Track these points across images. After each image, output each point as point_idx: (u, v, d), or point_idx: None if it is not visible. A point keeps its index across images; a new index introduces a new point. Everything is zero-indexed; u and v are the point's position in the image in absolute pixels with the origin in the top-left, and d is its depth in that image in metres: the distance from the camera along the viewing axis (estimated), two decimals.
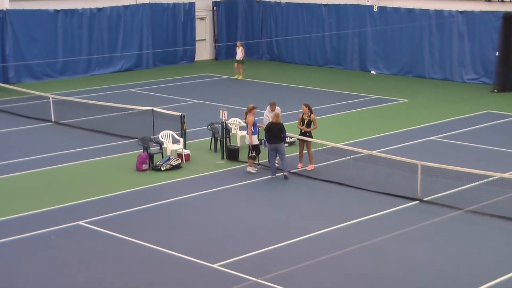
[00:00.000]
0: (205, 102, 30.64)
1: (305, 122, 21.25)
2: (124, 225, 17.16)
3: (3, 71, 34.50)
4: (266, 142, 20.77)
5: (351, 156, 21.47)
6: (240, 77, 36.08)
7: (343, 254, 14.99)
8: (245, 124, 23.63)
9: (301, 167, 21.15)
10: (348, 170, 20.94)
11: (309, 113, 21.27)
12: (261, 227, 17.07)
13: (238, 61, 36.38)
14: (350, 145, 22.47)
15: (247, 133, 21.39)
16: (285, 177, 20.37)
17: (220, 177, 20.68)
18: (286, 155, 21.08)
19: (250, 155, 21.08)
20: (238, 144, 22.96)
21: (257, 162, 21.34)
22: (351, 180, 20.07)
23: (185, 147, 22.53)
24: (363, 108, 29.71)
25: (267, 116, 21.85)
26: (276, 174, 20.52)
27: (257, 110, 21.84)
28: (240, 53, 36.27)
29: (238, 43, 37.23)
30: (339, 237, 16.40)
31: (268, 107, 22.16)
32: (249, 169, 21.03)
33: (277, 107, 22.02)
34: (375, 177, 20.24)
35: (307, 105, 21.41)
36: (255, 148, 21.12)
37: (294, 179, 20.38)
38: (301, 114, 21.48)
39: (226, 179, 20.46)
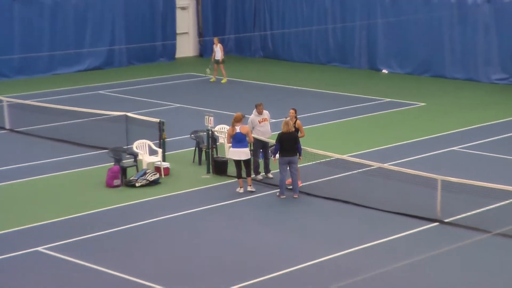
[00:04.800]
0: (188, 106, 30.69)
1: None
2: (91, 251, 17.09)
3: None
4: (274, 155, 20.70)
5: (359, 170, 21.49)
6: (224, 80, 35.50)
7: (352, 284, 14.93)
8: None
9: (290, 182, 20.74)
10: (355, 186, 20.96)
11: (295, 119, 21.03)
12: (253, 252, 17.03)
13: (217, 62, 35.48)
14: (358, 156, 22.50)
15: (244, 147, 20.80)
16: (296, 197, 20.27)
17: (206, 194, 20.67)
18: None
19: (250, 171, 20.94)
20: (227, 156, 22.89)
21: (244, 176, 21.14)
22: (358, 198, 20.06)
23: (164, 159, 22.52)
24: (373, 114, 29.80)
25: (254, 121, 21.74)
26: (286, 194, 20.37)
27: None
28: (219, 51, 35.34)
29: (215, 39, 36.15)
30: (346, 265, 16.36)
31: (254, 110, 22.07)
32: (250, 188, 20.84)
33: (265, 111, 21.95)
34: (386, 195, 20.25)
35: (295, 110, 21.30)
36: (249, 163, 21.03)
37: (290, 196, 20.31)
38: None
39: (213, 197, 20.44)
